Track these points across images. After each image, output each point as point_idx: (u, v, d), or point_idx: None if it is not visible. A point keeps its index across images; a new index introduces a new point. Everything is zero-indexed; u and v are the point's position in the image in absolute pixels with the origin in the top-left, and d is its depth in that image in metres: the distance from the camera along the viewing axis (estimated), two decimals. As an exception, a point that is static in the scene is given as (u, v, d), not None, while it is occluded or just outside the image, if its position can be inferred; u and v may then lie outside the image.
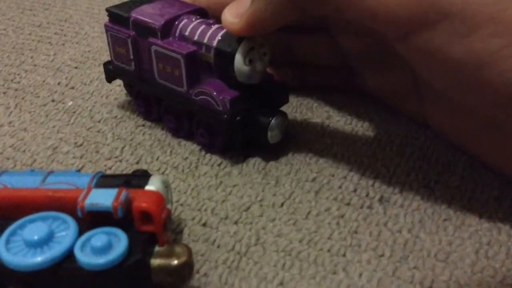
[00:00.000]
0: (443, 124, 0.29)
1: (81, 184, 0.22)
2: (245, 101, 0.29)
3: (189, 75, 0.29)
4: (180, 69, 0.29)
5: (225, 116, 0.28)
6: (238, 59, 0.27)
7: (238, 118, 0.28)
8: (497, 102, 0.21)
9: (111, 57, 0.33)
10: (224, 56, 0.28)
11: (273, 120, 0.29)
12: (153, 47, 0.30)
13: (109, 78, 0.35)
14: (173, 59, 0.29)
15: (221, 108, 0.28)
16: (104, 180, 0.23)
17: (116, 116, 0.35)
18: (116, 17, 0.31)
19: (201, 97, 0.29)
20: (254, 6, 0.25)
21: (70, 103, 0.36)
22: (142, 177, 0.23)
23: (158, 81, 0.31)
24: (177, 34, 0.29)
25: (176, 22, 0.30)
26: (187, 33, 0.29)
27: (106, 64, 0.34)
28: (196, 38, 0.29)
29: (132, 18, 0.30)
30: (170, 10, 0.30)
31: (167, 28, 0.29)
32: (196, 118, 0.31)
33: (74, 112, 0.35)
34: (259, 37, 0.28)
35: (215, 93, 0.28)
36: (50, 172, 0.23)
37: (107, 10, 0.32)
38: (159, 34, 0.29)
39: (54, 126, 0.34)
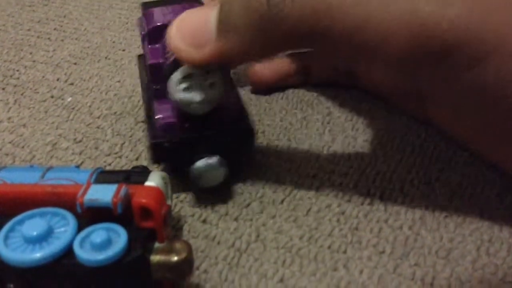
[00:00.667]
0: (444, 122, 0.29)
1: (80, 180, 0.22)
2: (184, 130, 0.26)
3: (154, 85, 0.27)
4: (149, 77, 0.28)
5: (153, 138, 0.26)
6: (171, 84, 0.24)
7: (165, 144, 0.26)
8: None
9: None
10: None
11: (198, 162, 0.26)
12: (145, 50, 0.29)
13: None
14: (148, 66, 0.27)
15: (155, 127, 0.26)
16: (104, 176, 0.23)
17: (115, 112, 0.34)
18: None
19: (151, 114, 0.27)
20: (223, 43, 0.21)
21: (69, 99, 0.36)
22: (141, 173, 0.23)
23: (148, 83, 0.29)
24: (163, 42, 0.26)
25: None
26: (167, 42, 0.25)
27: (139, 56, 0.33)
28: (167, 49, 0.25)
29: (143, 17, 0.29)
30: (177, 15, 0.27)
31: (157, 34, 0.27)
32: None
33: (73, 108, 0.35)
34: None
35: (157, 112, 0.27)
36: (49, 168, 0.23)
37: (141, 4, 0.30)
38: (148, 38, 0.28)
39: (53, 122, 0.34)
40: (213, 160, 0.26)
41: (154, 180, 0.22)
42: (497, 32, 0.19)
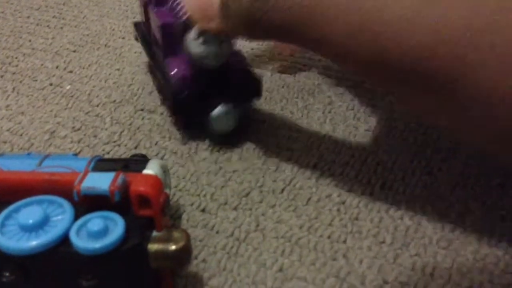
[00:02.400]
0: (441, 121, 0.29)
1: (78, 168, 0.22)
2: (198, 83, 0.28)
3: (165, 45, 0.29)
4: (159, 37, 0.29)
5: (171, 91, 0.28)
6: (188, 40, 0.27)
7: (181, 97, 0.28)
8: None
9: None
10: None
11: (216, 109, 0.29)
12: (150, 14, 0.31)
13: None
14: (157, 28, 0.29)
15: (171, 83, 0.29)
16: (102, 164, 0.22)
17: (114, 101, 0.34)
18: None
19: (166, 70, 0.29)
20: (224, 24, 0.24)
21: (68, 87, 0.36)
22: (140, 161, 0.23)
23: (153, 47, 0.32)
24: (169, 5, 0.30)
25: None
26: (174, 4, 0.29)
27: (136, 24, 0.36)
28: (176, 10, 0.29)
29: None
30: None
31: None
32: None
33: (72, 96, 0.35)
34: None
35: (171, 68, 0.29)
36: (47, 156, 0.23)
37: None
38: (154, 2, 0.30)
39: (51, 110, 0.34)
40: (228, 107, 0.29)
41: (152, 169, 0.22)
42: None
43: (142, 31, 0.34)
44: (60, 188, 0.20)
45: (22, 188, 0.20)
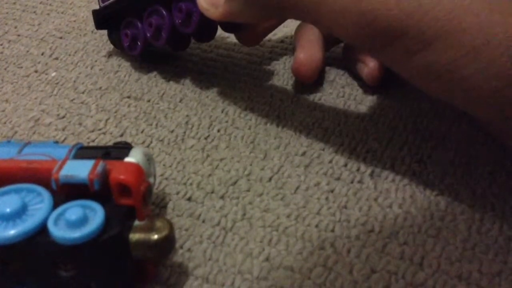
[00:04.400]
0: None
1: (58, 156, 0.21)
2: None
3: None
4: None
5: None
6: None
7: None
8: (468, 104, 0.21)
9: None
10: None
11: None
12: None
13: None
14: None
15: None
16: (83, 152, 0.22)
17: (100, 88, 0.33)
18: None
19: None
20: (229, 8, 0.27)
21: (54, 74, 0.35)
22: (122, 149, 0.22)
23: None
24: None
25: None
26: None
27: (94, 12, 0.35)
28: None
29: None
30: None
31: None
32: None
33: (57, 83, 0.34)
34: None
35: None
36: (27, 143, 0.22)
37: None
38: None
39: (36, 98, 0.33)
40: None
41: (135, 156, 0.21)
42: (442, 19, 0.19)
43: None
44: (39, 176, 0.20)
45: (0, 177, 0.20)
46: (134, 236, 0.19)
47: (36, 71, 0.36)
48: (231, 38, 0.36)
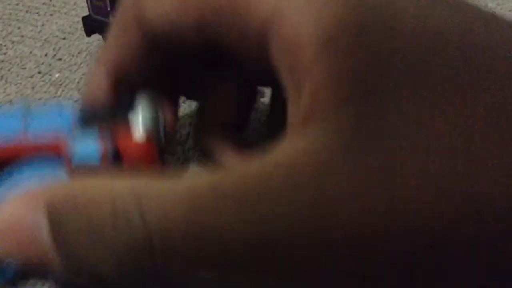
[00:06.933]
0: None
1: (64, 126, 0.20)
2: None
3: None
4: None
5: None
6: None
7: None
8: None
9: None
10: None
11: None
12: None
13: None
14: None
15: None
16: (85, 118, 0.21)
17: (104, 88, 0.34)
18: None
19: None
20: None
21: (57, 75, 0.35)
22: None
23: None
24: None
25: None
26: None
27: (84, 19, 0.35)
28: None
29: None
30: None
31: None
32: None
33: (61, 84, 0.34)
34: None
35: None
36: (29, 112, 0.21)
37: None
38: None
39: (40, 99, 0.33)
40: None
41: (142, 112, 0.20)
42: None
43: None
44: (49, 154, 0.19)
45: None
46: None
47: (39, 72, 0.36)
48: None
